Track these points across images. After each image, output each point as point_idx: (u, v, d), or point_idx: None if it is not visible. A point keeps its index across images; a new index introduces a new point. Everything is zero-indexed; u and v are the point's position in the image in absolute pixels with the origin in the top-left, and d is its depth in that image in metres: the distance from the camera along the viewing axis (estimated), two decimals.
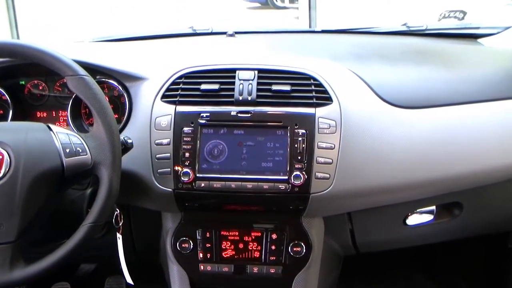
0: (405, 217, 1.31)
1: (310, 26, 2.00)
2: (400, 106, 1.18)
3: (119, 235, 1.15)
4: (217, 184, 1.10)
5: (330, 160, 1.09)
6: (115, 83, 1.22)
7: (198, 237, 1.22)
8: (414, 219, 1.32)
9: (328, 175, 1.09)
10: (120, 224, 1.14)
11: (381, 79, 1.22)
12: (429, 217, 1.32)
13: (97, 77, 1.21)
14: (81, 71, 1.00)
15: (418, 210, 1.31)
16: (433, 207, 1.31)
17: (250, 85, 1.11)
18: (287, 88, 1.12)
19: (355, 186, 1.12)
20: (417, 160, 1.14)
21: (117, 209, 1.13)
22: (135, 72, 1.21)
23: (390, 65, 1.33)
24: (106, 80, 1.23)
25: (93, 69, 1.16)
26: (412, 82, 1.25)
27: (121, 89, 1.22)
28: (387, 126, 1.15)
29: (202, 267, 1.23)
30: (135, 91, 1.19)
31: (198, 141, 1.10)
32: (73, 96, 1.23)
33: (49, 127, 0.99)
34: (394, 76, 1.27)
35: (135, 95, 1.19)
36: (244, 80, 1.12)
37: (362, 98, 1.17)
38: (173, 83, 1.15)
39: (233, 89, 1.12)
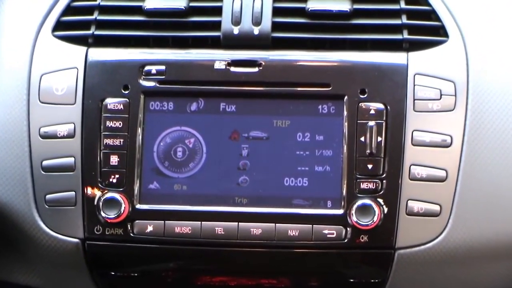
0: None
1: None
2: None
3: None
4: (182, 228, 0.93)
5: (443, 174, 0.91)
6: None
7: None
8: None
9: (437, 208, 0.91)
10: None
11: None
12: None
13: None
14: None
15: None
16: None
17: (257, 1, 0.97)
18: (344, 7, 0.96)
19: (499, 232, 0.94)
20: None
21: None
22: None
23: None
24: None
25: None
26: None
27: None
28: None
29: None
30: None
31: (140, 129, 0.94)
32: None
33: None
34: None
35: None
36: None
37: None
38: None
39: (219, 10, 0.97)
